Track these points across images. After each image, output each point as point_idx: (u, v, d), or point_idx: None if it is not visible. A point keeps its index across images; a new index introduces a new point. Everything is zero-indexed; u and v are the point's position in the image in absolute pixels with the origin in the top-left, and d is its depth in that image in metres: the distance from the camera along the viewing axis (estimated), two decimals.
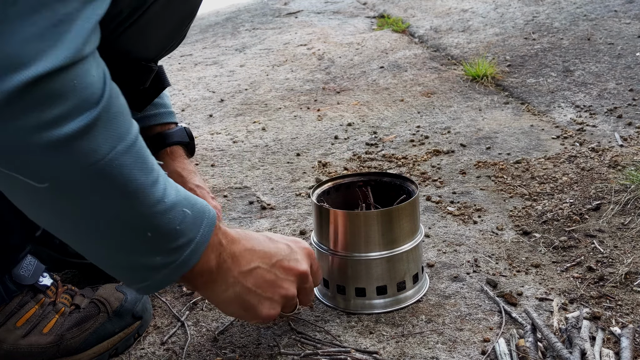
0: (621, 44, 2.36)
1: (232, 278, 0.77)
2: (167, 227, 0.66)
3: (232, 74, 2.61)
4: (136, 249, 0.67)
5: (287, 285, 0.83)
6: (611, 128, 1.70)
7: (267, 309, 0.82)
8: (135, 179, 0.61)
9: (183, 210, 0.68)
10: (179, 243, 0.68)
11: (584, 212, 1.26)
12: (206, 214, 0.72)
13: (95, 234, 0.65)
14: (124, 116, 0.61)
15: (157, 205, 0.64)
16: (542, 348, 0.87)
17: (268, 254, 0.81)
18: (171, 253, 0.68)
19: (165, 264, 0.69)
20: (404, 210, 0.98)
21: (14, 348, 0.88)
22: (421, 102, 2.07)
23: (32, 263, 0.91)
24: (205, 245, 0.71)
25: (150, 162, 0.65)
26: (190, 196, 0.71)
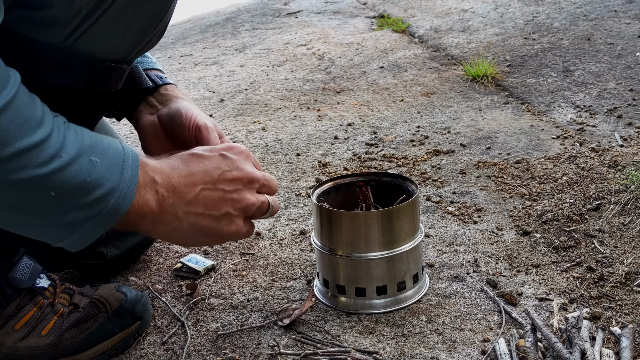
0: (621, 44, 2.36)
1: (181, 212, 0.74)
2: (73, 182, 0.62)
3: (232, 74, 2.61)
4: (46, 211, 0.63)
5: (239, 195, 0.78)
6: (611, 128, 1.70)
7: (229, 226, 0.78)
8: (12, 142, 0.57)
9: (90, 160, 0.64)
10: (96, 195, 0.64)
11: (584, 212, 1.26)
12: (126, 156, 0.68)
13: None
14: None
15: (51, 162, 0.60)
16: (542, 348, 0.87)
17: (207, 173, 0.76)
18: (91, 206, 0.64)
19: (88, 217, 0.65)
20: (404, 210, 0.98)
21: (12, 351, 0.88)
22: (421, 102, 2.07)
23: (28, 265, 0.91)
24: (134, 188, 0.68)
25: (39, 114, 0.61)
26: (100, 142, 0.67)
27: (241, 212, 0.79)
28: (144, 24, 0.77)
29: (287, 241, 1.26)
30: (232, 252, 1.23)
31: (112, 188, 0.65)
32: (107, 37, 0.73)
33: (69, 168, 0.62)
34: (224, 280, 1.13)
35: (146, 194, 0.70)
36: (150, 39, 0.81)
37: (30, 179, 0.59)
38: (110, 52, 0.76)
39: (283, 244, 1.25)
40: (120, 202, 0.66)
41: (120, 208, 0.66)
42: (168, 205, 0.72)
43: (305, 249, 1.23)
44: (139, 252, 1.21)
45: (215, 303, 1.06)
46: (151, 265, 1.20)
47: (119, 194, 0.66)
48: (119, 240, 1.12)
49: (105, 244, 1.10)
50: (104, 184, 0.65)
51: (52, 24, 0.66)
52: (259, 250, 1.23)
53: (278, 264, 1.18)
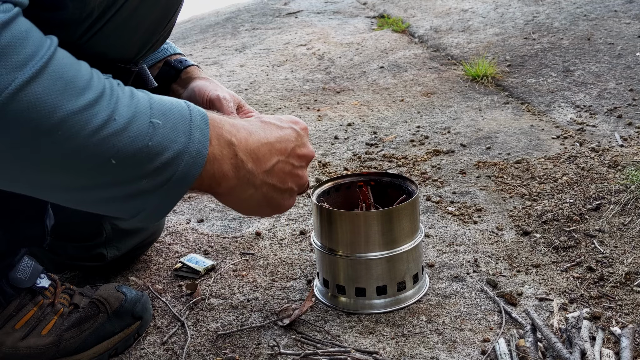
0: (621, 44, 2.36)
1: (258, 180, 0.72)
2: (133, 148, 0.57)
3: (232, 74, 2.61)
4: (111, 182, 0.59)
5: (301, 172, 0.79)
6: (611, 128, 1.70)
7: (288, 200, 0.79)
8: (57, 106, 0.52)
9: (150, 122, 0.58)
10: (162, 160, 0.59)
11: (584, 212, 1.26)
12: (193, 115, 0.63)
13: (52, 181, 0.57)
14: (25, 39, 0.52)
15: (105, 127, 0.55)
16: (542, 348, 0.87)
17: (283, 144, 0.76)
18: (158, 173, 0.59)
19: (158, 185, 0.60)
20: (404, 210, 0.98)
21: (13, 350, 0.88)
22: (421, 102, 2.07)
23: (29, 265, 0.91)
24: (206, 151, 0.63)
25: (84, 78, 0.56)
26: (161, 102, 0.62)
27: (299, 189, 0.80)
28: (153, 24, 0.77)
29: (287, 241, 1.26)
30: (232, 252, 1.23)
31: (179, 151, 0.60)
32: (117, 37, 0.73)
33: (126, 132, 0.57)
34: (224, 280, 1.13)
35: (222, 156, 0.66)
36: (157, 39, 0.82)
37: (85, 147, 0.54)
38: (120, 52, 0.76)
39: (283, 244, 1.25)
40: (190, 167, 0.61)
41: (190, 173, 0.62)
42: (246, 172, 0.70)
43: (305, 249, 1.23)
44: (139, 253, 1.21)
45: (215, 303, 1.06)
46: (151, 265, 1.20)
47: (188, 157, 0.61)
48: (119, 241, 1.12)
49: (105, 245, 1.10)
50: (171, 146, 0.60)
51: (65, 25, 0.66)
52: (259, 250, 1.23)
53: (278, 264, 1.18)
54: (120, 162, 0.57)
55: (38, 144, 0.53)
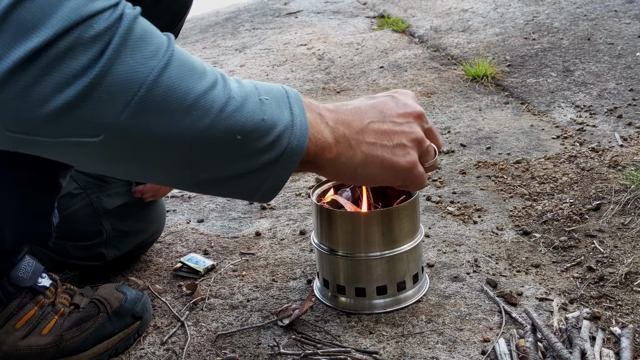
0: (621, 44, 2.36)
1: (353, 141, 0.72)
2: (252, 123, 0.61)
3: (232, 74, 2.61)
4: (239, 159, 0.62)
5: (409, 127, 0.76)
6: (611, 128, 1.70)
7: (403, 156, 0.75)
8: (189, 89, 0.57)
9: (260, 99, 0.63)
10: (276, 132, 0.63)
11: (584, 212, 1.26)
12: (288, 93, 0.67)
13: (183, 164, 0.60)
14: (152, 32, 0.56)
15: (228, 104, 0.59)
16: (542, 348, 0.87)
17: (375, 108, 0.75)
18: (274, 146, 0.63)
19: (275, 158, 0.63)
20: (404, 210, 0.98)
21: (13, 349, 0.88)
22: (421, 102, 2.07)
23: (30, 264, 0.91)
24: (306, 122, 0.66)
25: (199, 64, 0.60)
26: (261, 83, 0.66)
27: (414, 144, 0.76)
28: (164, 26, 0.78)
29: (287, 241, 1.26)
30: (232, 252, 1.23)
31: (287, 124, 0.64)
32: None
33: (244, 108, 0.61)
34: (224, 280, 1.13)
35: (319, 126, 0.69)
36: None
37: (216, 123, 0.58)
38: None
39: (283, 244, 1.25)
40: (299, 137, 0.65)
41: (301, 143, 0.65)
42: (340, 136, 0.71)
43: (305, 249, 1.23)
44: (139, 253, 1.21)
45: (215, 303, 1.06)
46: (151, 265, 1.20)
47: (296, 129, 0.64)
48: (119, 241, 1.12)
49: (106, 245, 1.10)
50: (280, 120, 0.63)
51: None
52: (259, 250, 1.23)
53: (278, 264, 1.18)
54: (244, 136, 0.60)
55: (177, 125, 0.56)
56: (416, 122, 0.77)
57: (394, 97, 0.78)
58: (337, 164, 0.72)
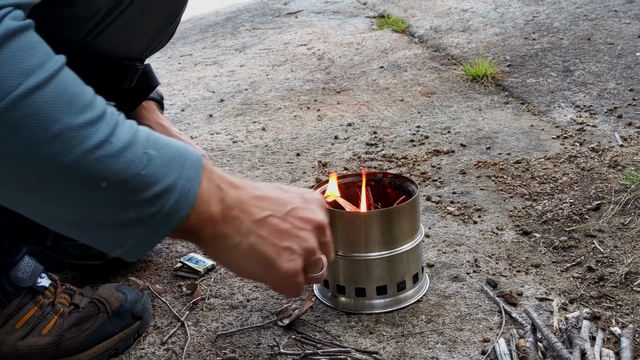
0: (621, 44, 2.36)
1: (244, 228, 0.68)
2: (125, 174, 0.57)
3: (232, 74, 2.61)
4: (98, 206, 0.58)
5: (305, 235, 0.72)
6: (611, 128, 1.70)
7: (288, 261, 0.70)
8: (58, 118, 0.53)
9: (145, 152, 0.59)
10: (153, 192, 0.59)
11: (584, 212, 1.26)
12: (188, 155, 0.62)
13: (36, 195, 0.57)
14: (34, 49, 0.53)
15: (101, 147, 0.55)
16: (542, 348, 0.87)
17: (281, 202, 0.71)
18: (147, 204, 0.59)
19: (145, 217, 0.60)
20: (404, 210, 0.98)
21: (13, 350, 0.88)
22: (421, 102, 2.07)
23: (29, 264, 0.91)
24: (196, 189, 0.62)
25: (86, 98, 0.56)
26: (159, 138, 0.62)
27: (303, 253, 0.72)
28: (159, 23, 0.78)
29: None
30: None
31: (170, 185, 0.60)
32: (123, 36, 0.73)
33: (120, 157, 0.57)
34: (224, 280, 1.13)
35: (210, 199, 0.64)
36: (163, 38, 0.82)
37: (79, 163, 0.55)
38: (126, 50, 0.76)
39: None
40: (179, 204, 0.61)
41: (180, 209, 0.61)
42: (231, 218, 0.67)
43: None
44: None
45: (215, 303, 1.06)
46: (151, 265, 1.20)
47: (179, 193, 0.61)
48: None
49: None
50: (162, 180, 0.59)
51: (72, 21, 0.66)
52: None
53: None
54: (110, 186, 0.57)
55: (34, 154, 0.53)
56: (314, 233, 0.73)
57: (304, 199, 0.74)
58: (218, 245, 0.67)
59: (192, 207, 0.62)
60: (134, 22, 0.72)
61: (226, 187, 0.67)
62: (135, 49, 0.78)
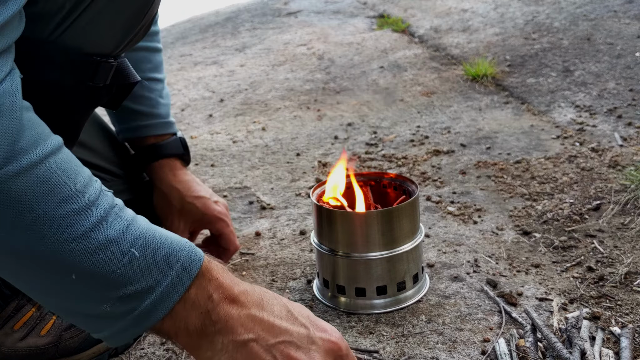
0: (621, 44, 2.36)
1: (220, 344, 0.63)
2: (99, 271, 0.55)
3: (232, 73, 2.61)
4: (69, 294, 0.58)
5: None
6: (611, 128, 1.69)
7: None
8: (35, 207, 0.52)
9: (130, 251, 0.57)
10: (128, 291, 0.57)
11: (584, 212, 1.26)
12: (183, 259, 0.60)
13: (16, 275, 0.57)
14: (21, 132, 0.52)
15: (77, 241, 0.54)
16: (542, 348, 0.87)
17: (275, 330, 0.65)
18: (121, 302, 0.58)
19: (119, 314, 0.58)
20: (404, 210, 0.98)
21: (12, 351, 0.88)
22: (421, 102, 2.07)
23: None
24: (177, 296, 0.59)
25: (71, 188, 0.55)
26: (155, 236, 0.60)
27: None
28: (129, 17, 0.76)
29: (287, 241, 1.26)
30: None
31: (148, 287, 0.58)
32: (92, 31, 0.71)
33: (98, 253, 0.55)
34: None
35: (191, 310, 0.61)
36: (136, 33, 0.80)
37: (53, 252, 0.54)
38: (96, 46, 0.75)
39: (283, 244, 1.25)
40: (156, 306, 0.59)
41: (154, 313, 0.59)
42: (211, 333, 0.63)
43: (305, 249, 1.23)
44: None
45: None
46: None
47: (157, 296, 0.59)
48: None
49: None
50: (138, 281, 0.58)
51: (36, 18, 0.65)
52: (259, 250, 1.23)
53: (278, 264, 1.18)
54: (80, 279, 0.56)
55: (11, 238, 0.53)
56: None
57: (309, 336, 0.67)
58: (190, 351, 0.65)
59: (169, 313, 0.60)
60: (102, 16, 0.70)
61: (220, 300, 0.63)
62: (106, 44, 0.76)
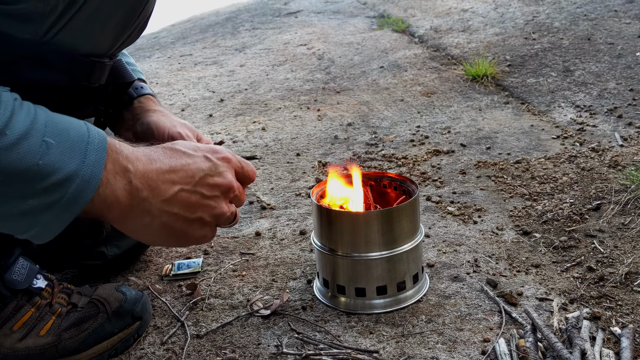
0: (621, 44, 2.36)
1: (155, 209, 0.69)
2: (21, 165, 0.57)
3: (232, 73, 2.61)
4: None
5: (215, 202, 0.75)
6: (611, 128, 1.69)
7: (199, 230, 0.74)
8: None
9: (43, 140, 0.58)
10: (52, 181, 0.59)
11: (584, 212, 1.26)
12: (91, 138, 0.62)
13: None
14: None
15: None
16: (542, 348, 0.87)
17: (189, 173, 0.72)
18: (46, 193, 0.59)
19: (46, 205, 0.60)
20: (404, 210, 0.98)
21: (11, 351, 0.88)
22: (421, 102, 2.07)
23: (24, 266, 0.91)
24: (99, 175, 0.62)
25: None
26: (59, 121, 0.62)
27: (214, 219, 0.76)
28: (123, 17, 0.76)
29: (287, 241, 1.26)
30: (232, 252, 1.23)
31: (70, 173, 0.60)
32: (86, 31, 0.71)
33: (15, 148, 0.57)
34: (224, 280, 1.13)
35: (115, 182, 0.65)
36: (130, 32, 0.80)
37: None
38: (91, 46, 0.75)
39: (283, 244, 1.25)
40: (81, 190, 0.61)
41: (81, 197, 0.61)
42: (140, 199, 0.68)
43: (305, 249, 1.23)
44: (140, 252, 1.21)
45: (215, 303, 1.06)
46: (151, 265, 1.20)
47: (80, 180, 0.61)
48: (119, 239, 1.12)
49: (106, 244, 1.10)
50: (61, 168, 0.60)
51: (29, 19, 0.65)
52: (259, 250, 1.23)
53: (278, 264, 1.18)
54: (6, 178, 0.57)
55: None
56: (222, 197, 0.76)
57: (210, 161, 0.75)
58: (126, 223, 0.69)
59: (96, 192, 0.62)
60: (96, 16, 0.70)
61: (133, 167, 0.67)
62: (101, 43, 0.76)
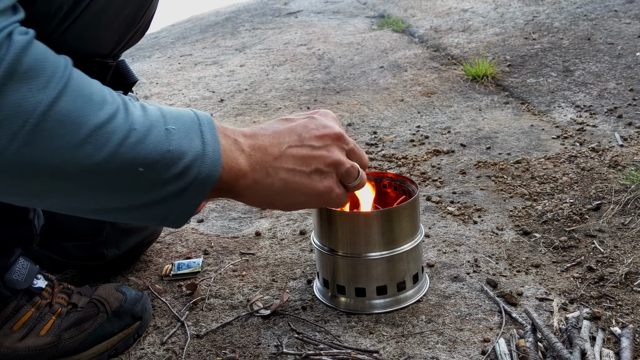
0: (621, 44, 2.36)
1: (270, 168, 0.72)
2: (156, 154, 0.60)
3: (232, 73, 2.61)
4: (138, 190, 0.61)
5: (326, 151, 0.76)
6: (611, 128, 1.69)
7: (320, 182, 0.75)
8: (85, 120, 0.55)
9: (166, 129, 0.61)
10: (184, 163, 0.62)
11: (584, 212, 1.26)
12: (201, 120, 0.66)
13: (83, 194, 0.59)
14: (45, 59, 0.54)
15: (129, 136, 0.58)
16: (542, 348, 0.87)
17: (293, 131, 0.75)
18: (181, 176, 0.62)
19: (183, 188, 0.63)
20: (404, 210, 0.98)
21: (11, 351, 0.88)
22: (421, 102, 2.07)
23: (24, 266, 0.91)
24: (219, 151, 0.65)
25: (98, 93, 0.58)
26: (170, 110, 0.65)
27: (332, 169, 0.76)
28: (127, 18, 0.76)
29: (287, 241, 1.26)
30: (232, 252, 1.23)
31: (197, 153, 0.63)
32: (90, 32, 0.72)
33: (147, 139, 0.59)
34: (224, 280, 1.13)
35: (233, 154, 0.68)
36: (134, 33, 0.80)
37: (116, 155, 0.57)
38: (95, 47, 0.75)
39: (283, 244, 1.25)
40: (211, 167, 0.64)
41: (212, 173, 0.64)
42: (256, 163, 0.70)
43: (305, 249, 1.23)
44: (139, 252, 1.21)
45: (215, 303, 1.06)
46: (151, 265, 1.20)
47: (207, 158, 0.64)
48: (119, 240, 1.12)
49: (106, 244, 1.10)
50: (189, 150, 0.62)
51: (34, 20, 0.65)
52: (259, 250, 1.23)
53: (278, 264, 1.18)
54: (147, 168, 0.59)
55: (72, 157, 0.55)
56: (335, 145, 0.77)
57: (313, 118, 0.78)
58: (254, 192, 0.71)
59: (222, 167, 0.65)
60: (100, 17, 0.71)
61: (241, 139, 0.70)
62: (104, 45, 0.76)
